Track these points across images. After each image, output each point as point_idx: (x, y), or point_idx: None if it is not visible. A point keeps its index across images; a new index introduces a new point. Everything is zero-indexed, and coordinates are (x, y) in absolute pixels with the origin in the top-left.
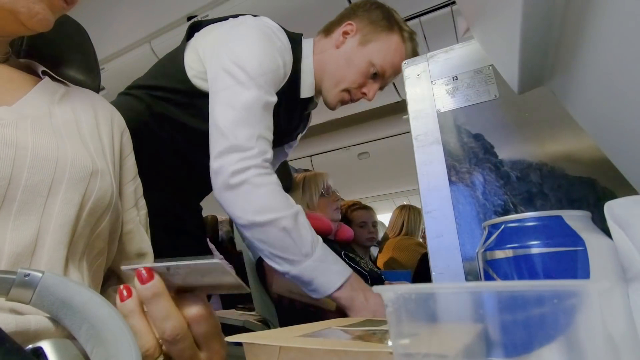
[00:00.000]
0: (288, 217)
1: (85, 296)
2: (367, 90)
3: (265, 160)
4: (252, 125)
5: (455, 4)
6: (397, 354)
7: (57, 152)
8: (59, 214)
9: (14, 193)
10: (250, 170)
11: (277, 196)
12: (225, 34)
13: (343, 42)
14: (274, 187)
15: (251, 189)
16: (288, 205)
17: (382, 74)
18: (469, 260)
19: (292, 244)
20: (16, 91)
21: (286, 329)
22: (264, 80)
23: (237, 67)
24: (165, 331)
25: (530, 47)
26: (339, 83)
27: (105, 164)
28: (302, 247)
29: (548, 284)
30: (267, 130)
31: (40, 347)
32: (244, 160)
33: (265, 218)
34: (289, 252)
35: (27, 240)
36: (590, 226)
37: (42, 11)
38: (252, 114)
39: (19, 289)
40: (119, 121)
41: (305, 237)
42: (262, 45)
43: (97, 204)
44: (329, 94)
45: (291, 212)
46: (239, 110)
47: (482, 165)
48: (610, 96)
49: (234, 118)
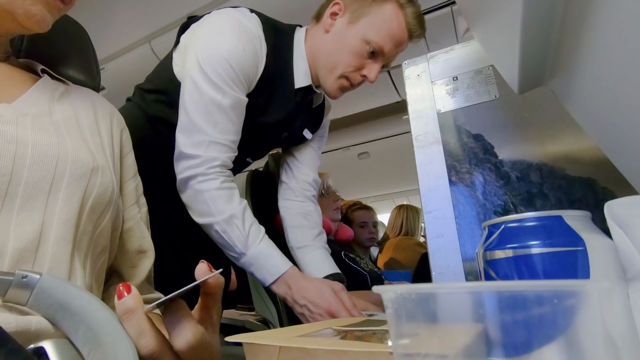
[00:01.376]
0: (220, 222)
1: (83, 299)
2: (366, 72)
3: (210, 167)
4: (202, 131)
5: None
6: (397, 354)
7: (58, 149)
8: (61, 210)
9: (16, 189)
10: (193, 178)
11: (215, 202)
12: (195, 30)
13: (332, 24)
14: (213, 192)
15: (193, 194)
16: (223, 210)
17: (380, 50)
18: (469, 260)
19: (227, 243)
20: (16, 89)
21: (286, 329)
22: (223, 79)
23: (196, 68)
24: (141, 349)
25: (530, 47)
26: (334, 69)
27: (105, 160)
28: (236, 247)
29: (548, 284)
30: (222, 133)
31: (42, 347)
32: (188, 169)
33: (203, 221)
34: (228, 249)
35: (31, 236)
36: (590, 226)
37: (40, 12)
38: (203, 118)
39: (16, 290)
40: (118, 119)
41: (238, 238)
42: (225, 41)
43: (99, 200)
44: (325, 83)
45: (224, 217)
46: (190, 116)
47: (482, 165)
48: (610, 96)
49: (184, 124)
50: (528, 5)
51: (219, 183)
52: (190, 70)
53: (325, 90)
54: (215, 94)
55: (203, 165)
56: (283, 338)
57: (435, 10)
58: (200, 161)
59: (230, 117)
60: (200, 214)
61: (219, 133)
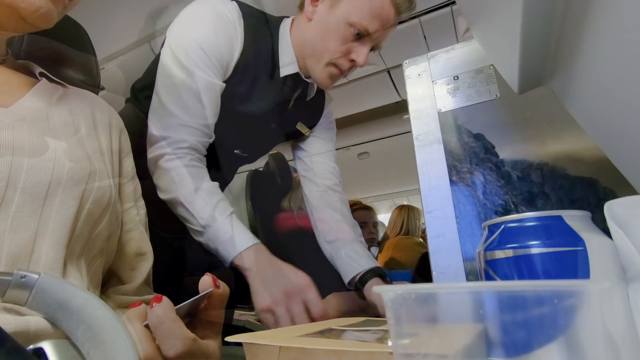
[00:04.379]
0: (185, 195)
1: (82, 298)
2: (355, 55)
3: (178, 148)
4: (171, 114)
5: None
6: (397, 354)
7: (55, 154)
8: (57, 216)
9: (12, 195)
10: (160, 158)
11: (181, 177)
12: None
13: (314, 11)
14: (180, 170)
15: (161, 173)
16: (189, 184)
17: (365, 31)
18: (469, 260)
19: (191, 216)
20: (13, 93)
21: (286, 329)
22: (194, 62)
23: (168, 52)
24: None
25: (530, 47)
26: (321, 57)
27: (103, 164)
28: (201, 219)
29: (548, 284)
30: (192, 117)
31: (41, 347)
32: (157, 149)
33: (168, 196)
34: (192, 223)
35: (25, 242)
36: (590, 226)
37: (44, 5)
38: (173, 101)
39: (15, 290)
40: (117, 121)
41: (203, 209)
42: (196, 25)
43: (96, 205)
44: (314, 72)
45: (189, 189)
46: (160, 99)
47: (482, 165)
48: (610, 96)
49: (156, 107)
50: (528, 5)
51: (186, 161)
52: (163, 55)
53: (315, 80)
54: (185, 77)
55: (171, 145)
56: (283, 338)
57: (435, 10)
58: (167, 142)
59: (201, 100)
60: (166, 189)
61: (189, 116)
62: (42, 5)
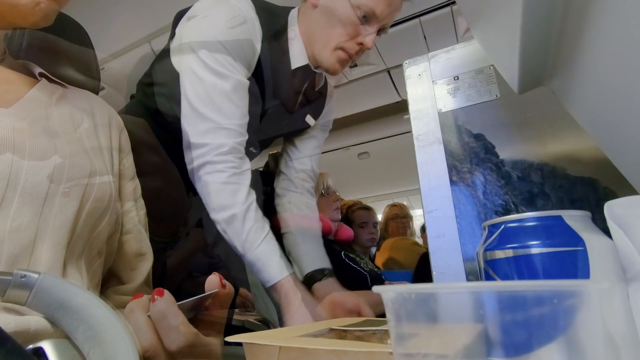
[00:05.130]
0: (220, 222)
1: (82, 297)
2: (362, 38)
3: (219, 154)
4: (207, 119)
5: (455, 4)
6: (397, 354)
7: (55, 154)
8: (57, 216)
9: (12, 195)
10: (202, 168)
11: (218, 196)
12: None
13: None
14: (218, 186)
15: (201, 186)
16: (224, 206)
17: (372, 13)
18: (469, 260)
19: (230, 241)
20: (13, 93)
21: (286, 329)
22: (221, 65)
23: (193, 57)
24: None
25: (530, 47)
26: (328, 42)
27: (103, 164)
28: (237, 248)
29: (548, 284)
30: (227, 118)
31: (41, 347)
32: (197, 159)
33: (211, 215)
34: (232, 247)
35: (26, 241)
36: (590, 226)
37: (43, 1)
38: (206, 106)
39: (15, 290)
40: (117, 121)
41: (237, 238)
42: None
43: (96, 205)
44: (323, 58)
45: (224, 216)
46: (193, 106)
47: (483, 165)
48: (610, 96)
49: (189, 114)
50: (528, 5)
51: (225, 177)
52: (187, 60)
53: (324, 67)
54: (215, 80)
55: (211, 152)
56: (283, 338)
57: (435, 10)
58: (208, 149)
59: (233, 101)
60: (207, 206)
61: (225, 118)
62: (41, 1)
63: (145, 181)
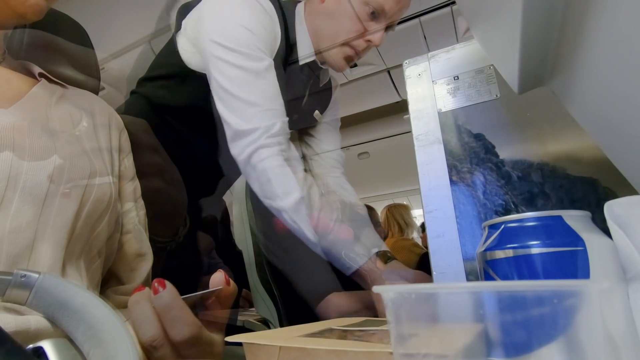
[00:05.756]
0: (287, 210)
1: (83, 297)
2: (370, 35)
3: (270, 136)
4: (250, 104)
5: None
6: (397, 354)
7: (55, 155)
8: (57, 216)
9: (12, 195)
10: (255, 153)
11: (281, 181)
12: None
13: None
14: (278, 170)
15: (260, 174)
16: (288, 192)
17: (381, 9)
18: (469, 260)
19: (301, 232)
20: (13, 93)
21: (286, 329)
22: (249, 47)
23: (218, 48)
24: (142, 337)
25: (530, 47)
26: (335, 38)
27: (103, 165)
28: (309, 239)
29: (548, 284)
30: (267, 100)
31: (41, 347)
32: (249, 146)
33: (271, 205)
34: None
35: (25, 242)
36: (590, 226)
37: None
38: (245, 90)
39: (16, 289)
40: (116, 121)
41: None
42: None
43: (96, 205)
44: (329, 54)
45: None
46: (234, 95)
47: (483, 165)
48: (611, 96)
49: (231, 105)
50: (528, 5)
51: (282, 160)
52: (213, 53)
53: (330, 63)
54: (248, 63)
55: (263, 135)
56: (283, 338)
57: (435, 10)
58: (259, 133)
59: (270, 81)
60: (270, 195)
61: (268, 100)
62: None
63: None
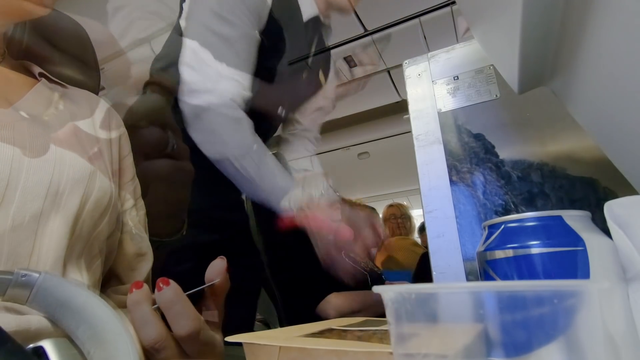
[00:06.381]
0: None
1: (83, 297)
2: None
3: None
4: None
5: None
6: (397, 354)
7: (55, 154)
8: (57, 215)
9: (12, 195)
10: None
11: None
12: None
13: None
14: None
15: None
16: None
17: None
18: (469, 260)
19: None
20: (13, 93)
21: (286, 329)
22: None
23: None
24: (144, 339)
25: (530, 47)
26: None
27: (103, 165)
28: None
29: (548, 284)
30: (231, 67)
31: (42, 346)
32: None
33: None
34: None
35: (25, 242)
36: (590, 226)
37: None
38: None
39: (16, 289)
40: (117, 122)
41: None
42: None
43: (96, 205)
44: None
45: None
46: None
47: (483, 165)
48: (611, 96)
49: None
50: (528, 5)
51: (232, 110)
52: (194, 12)
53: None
54: (222, 28)
55: (213, 96)
56: (283, 338)
57: (435, 10)
58: (211, 95)
59: (238, 52)
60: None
61: (228, 67)
62: None
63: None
